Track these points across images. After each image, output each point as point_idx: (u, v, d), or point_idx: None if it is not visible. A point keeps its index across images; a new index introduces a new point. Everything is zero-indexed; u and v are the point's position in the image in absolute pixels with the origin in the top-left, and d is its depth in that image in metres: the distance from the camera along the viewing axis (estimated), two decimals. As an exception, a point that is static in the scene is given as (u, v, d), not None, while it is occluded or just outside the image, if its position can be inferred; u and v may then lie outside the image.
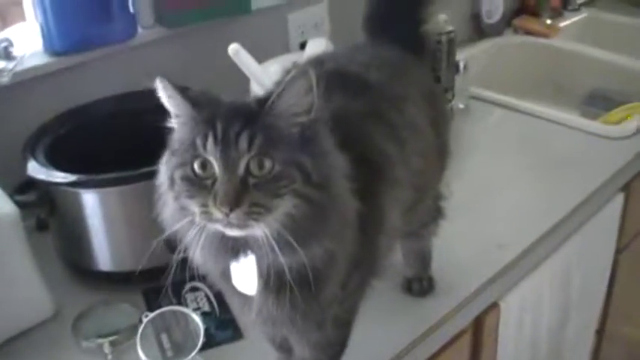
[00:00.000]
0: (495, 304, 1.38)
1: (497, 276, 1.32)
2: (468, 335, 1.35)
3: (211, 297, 1.25)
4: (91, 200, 1.23)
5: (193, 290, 1.27)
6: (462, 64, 1.85)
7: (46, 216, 1.34)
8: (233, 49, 1.43)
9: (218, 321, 1.21)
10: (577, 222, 1.54)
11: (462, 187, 1.43)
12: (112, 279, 1.29)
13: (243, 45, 1.45)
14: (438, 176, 1.19)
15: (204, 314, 1.22)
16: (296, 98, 0.78)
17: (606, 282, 1.85)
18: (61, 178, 1.22)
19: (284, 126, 0.78)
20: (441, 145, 1.16)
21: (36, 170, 1.25)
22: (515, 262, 1.36)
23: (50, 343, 1.20)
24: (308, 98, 0.78)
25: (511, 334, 1.45)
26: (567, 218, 1.48)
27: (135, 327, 1.19)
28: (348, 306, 0.97)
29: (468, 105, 1.91)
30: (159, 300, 1.23)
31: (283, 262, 0.80)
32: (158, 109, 0.84)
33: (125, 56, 1.58)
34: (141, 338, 1.15)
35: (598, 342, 2.00)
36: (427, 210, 1.19)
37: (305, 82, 0.77)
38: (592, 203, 1.57)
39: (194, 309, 1.22)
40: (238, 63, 1.44)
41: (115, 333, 1.19)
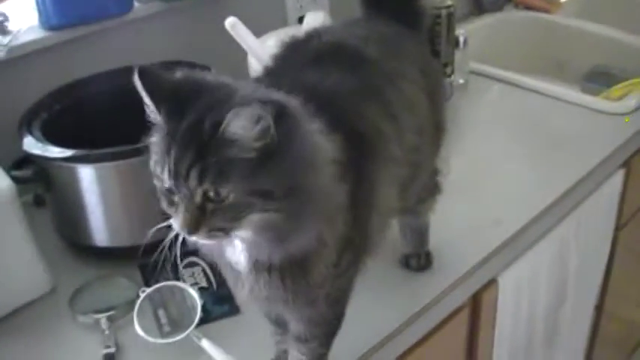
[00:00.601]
0: (493, 281, 1.37)
1: (495, 252, 1.32)
2: (466, 311, 1.35)
3: (209, 272, 1.24)
4: (88, 175, 1.22)
5: (191, 265, 1.27)
6: (462, 39, 1.84)
7: (43, 192, 1.34)
8: (230, 23, 1.41)
9: (215, 296, 1.21)
10: (576, 199, 1.54)
11: (461, 163, 1.43)
12: (109, 254, 1.29)
13: (240, 18, 1.43)
14: (435, 152, 1.18)
15: (201, 289, 1.22)
16: (244, 130, 0.73)
17: (605, 259, 1.85)
18: (57, 154, 1.21)
19: (238, 152, 0.74)
20: (438, 121, 1.15)
21: (32, 146, 1.24)
22: (513, 239, 1.35)
23: (47, 319, 1.20)
24: (258, 127, 0.73)
25: (509, 311, 1.45)
26: (567, 195, 1.48)
27: (132, 302, 1.18)
28: (341, 283, 0.96)
29: (468, 80, 1.89)
30: (156, 275, 1.23)
31: (266, 255, 0.82)
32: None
33: (121, 31, 1.57)
34: (138, 313, 1.15)
35: (597, 319, 2.01)
36: (424, 186, 1.18)
37: (250, 113, 0.72)
38: (592, 180, 1.56)
39: (191, 284, 1.22)
40: (235, 37, 1.43)
41: (112, 308, 1.19)
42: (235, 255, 0.86)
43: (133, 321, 1.14)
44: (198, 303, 1.17)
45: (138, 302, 1.17)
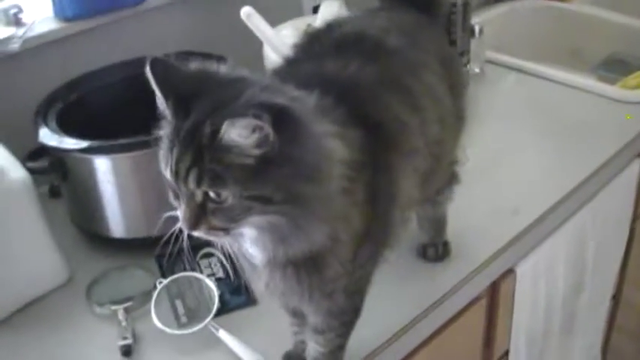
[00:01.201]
0: (511, 270, 1.37)
1: (512, 242, 1.31)
2: (484, 301, 1.34)
3: (225, 263, 1.24)
4: (103, 166, 1.22)
5: (207, 256, 1.26)
6: (478, 28, 1.82)
7: (59, 182, 1.34)
8: (246, 13, 1.41)
9: (232, 287, 1.21)
10: (593, 188, 1.52)
11: (478, 152, 1.42)
12: (126, 245, 1.29)
13: (255, 8, 1.42)
14: (455, 142, 1.17)
15: (218, 280, 1.22)
16: (241, 138, 0.73)
17: (622, 249, 1.83)
18: (73, 145, 1.21)
19: (237, 159, 0.74)
20: (458, 111, 1.14)
21: (47, 137, 1.24)
22: (530, 228, 1.34)
23: (64, 310, 1.20)
24: (255, 136, 0.73)
25: (527, 301, 1.45)
26: (584, 184, 1.46)
27: (149, 293, 1.19)
28: (360, 276, 0.96)
29: (484, 69, 1.88)
30: (172, 266, 1.23)
31: (272, 252, 0.82)
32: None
33: (135, 21, 1.56)
34: (155, 304, 1.16)
35: (613, 309, 1.99)
36: (443, 176, 1.17)
37: (246, 123, 0.72)
38: (609, 169, 1.54)
39: (208, 275, 1.22)
40: (251, 26, 1.42)
41: (129, 299, 1.19)
42: (250, 248, 0.85)
43: (150, 312, 1.14)
44: (215, 294, 1.17)
45: (155, 293, 1.17)
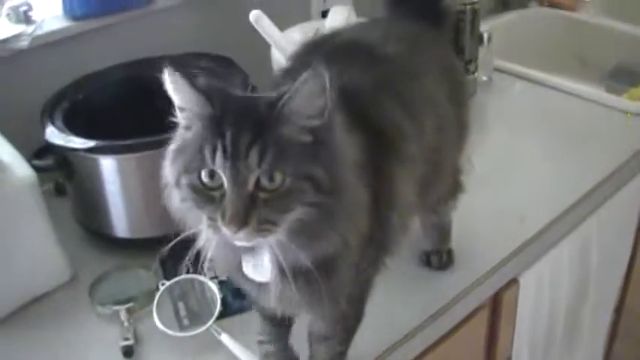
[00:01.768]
0: (515, 280, 1.36)
1: (517, 251, 1.31)
2: (486, 311, 1.34)
3: (228, 266, 1.24)
4: (109, 166, 1.22)
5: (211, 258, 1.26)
6: (486, 36, 1.82)
7: (64, 180, 1.34)
8: (254, 16, 1.41)
9: (235, 290, 1.20)
10: (599, 198, 1.52)
11: (484, 160, 1.42)
12: (130, 245, 1.29)
13: (264, 12, 1.43)
14: (457, 151, 1.16)
15: (221, 283, 1.21)
16: (308, 101, 0.73)
17: (627, 259, 1.82)
18: (79, 144, 1.21)
19: (295, 133, 0.74)
20: (460, 120, 1.14)
21: (54, 135, 1.24)
22: (536, 237, 1.34)
23: (66, 308, 1.20)
24: (321, 100, 0.73)
25: (529, 310, 1.44)
26: (590, 194, 1.46)
27: (152, 294, 1.18)
28: (362, 282, 0.95)
29: (491, 77, 1.88)
30: (176, 268, 1.23)
31: (294, 259, 0.79)
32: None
33: (144, 21, 1.56)
34: (157, 306, 1.15)
35: (616, 319, 1.99)
36: (446, 185, 1.17)
37: (318, 83, 0.72)
38: (615, 179, 1.54)
39: (211, 277, 1.22)
40: (260, 30, 1.43)
41: (131, 300, 1.19)
42: (256, 266, 0.84)
43: (152, 313, 1.14)
44: (217, 296, 1.16)
45: (157, 294, 1.17)
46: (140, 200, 1.26)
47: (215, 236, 0.77)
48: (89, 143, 1.20)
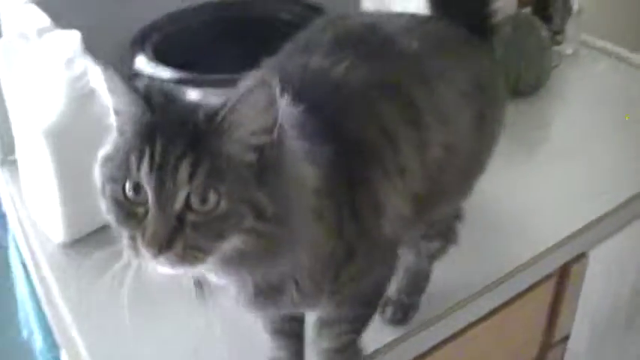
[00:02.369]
0: (584, 255, 1.35)
1: (588, 226, 1.29)
2: (553, 280, 1.33)
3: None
4: (193, 98, 1.23)
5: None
6: (576, 8, 1.78)
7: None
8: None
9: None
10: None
11: (563, 133, 1.41)
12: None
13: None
14: (467, 180, 1.01)
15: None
16: (253, 115, 0.64)
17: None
18: (167, 74, 1.23)
19: (237, 150, 0.64)
20: (483, 146, 1.00)
21: (143, 64, 1.26)
22: (609, 214, 1.32)
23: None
24: (268, 115, 0.64)
25: (596, 287, 1.42)
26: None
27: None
28: (359, 288, 0.87)
29: (577, 51, 1.84)
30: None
31: (243, 281, 0.75)
32: (266, 19, 0.81)
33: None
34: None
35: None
36: (437, 226, 1.04)
37: (264, 95, 0.63)
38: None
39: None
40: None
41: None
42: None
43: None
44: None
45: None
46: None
47: (135, 260, 0.66)
48: (177, 74, 1.22)
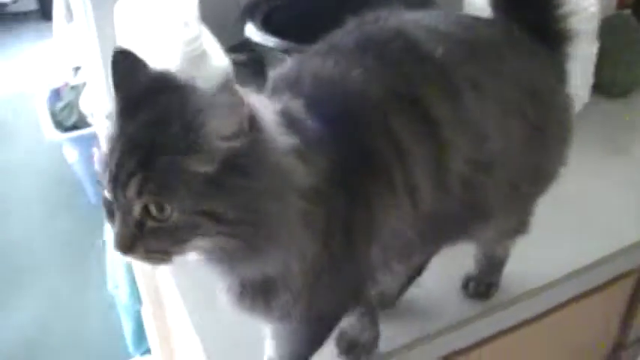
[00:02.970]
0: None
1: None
2: (632, 279, 1.33)
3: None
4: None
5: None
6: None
7: (252, 76, 1.41)
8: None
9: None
10: None
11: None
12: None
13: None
14: (517, 197, 0.93)
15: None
16: (218, 124, 0.63)
17: None
18: (275, 43, 1.28)
19: (195, 163, 0.64)
20: (540, 161, 0.92)
21: (252, 32, 1.31)
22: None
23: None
24: (233, 122, 0.63)
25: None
26: None
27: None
28: (321, 305, 0.82)
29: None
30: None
31: (229, 277, 0.77)
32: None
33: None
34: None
35: None
36: (496, 227, 0.97)
37: (229, 98, 0.63)
38: None
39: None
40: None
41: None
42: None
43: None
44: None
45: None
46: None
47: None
48: (285, 43, 1.27)
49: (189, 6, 1.20)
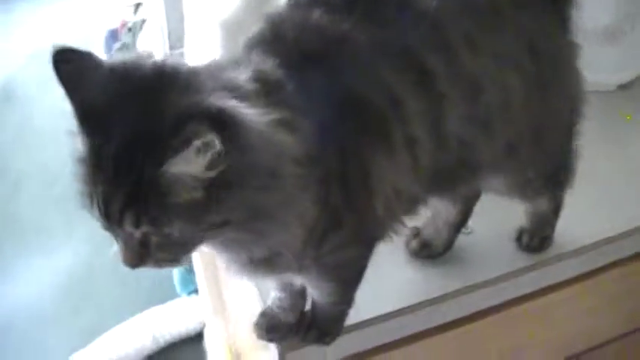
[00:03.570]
0: None
1: None
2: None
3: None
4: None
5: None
6: None
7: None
8: None
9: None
10: None
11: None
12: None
13: None
14: (519, 151, 0.91)
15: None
16: (188, 167, 0.61)
17: None
18: None
19: (183, 193, 0.62)
20: (543, 116, 0.90)
21: None
22: None
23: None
24: (205, 157, 0.60)
25: None
26: None
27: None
28: (332, 261, 0.82)
29: None
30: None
31: (238, 258, 0.77)
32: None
33: None
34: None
35: None
36: (534, 182, 0.99)
37: (198, 143, 0.59)
38: None
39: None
40: None
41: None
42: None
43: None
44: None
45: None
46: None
47: None
48: None
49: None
